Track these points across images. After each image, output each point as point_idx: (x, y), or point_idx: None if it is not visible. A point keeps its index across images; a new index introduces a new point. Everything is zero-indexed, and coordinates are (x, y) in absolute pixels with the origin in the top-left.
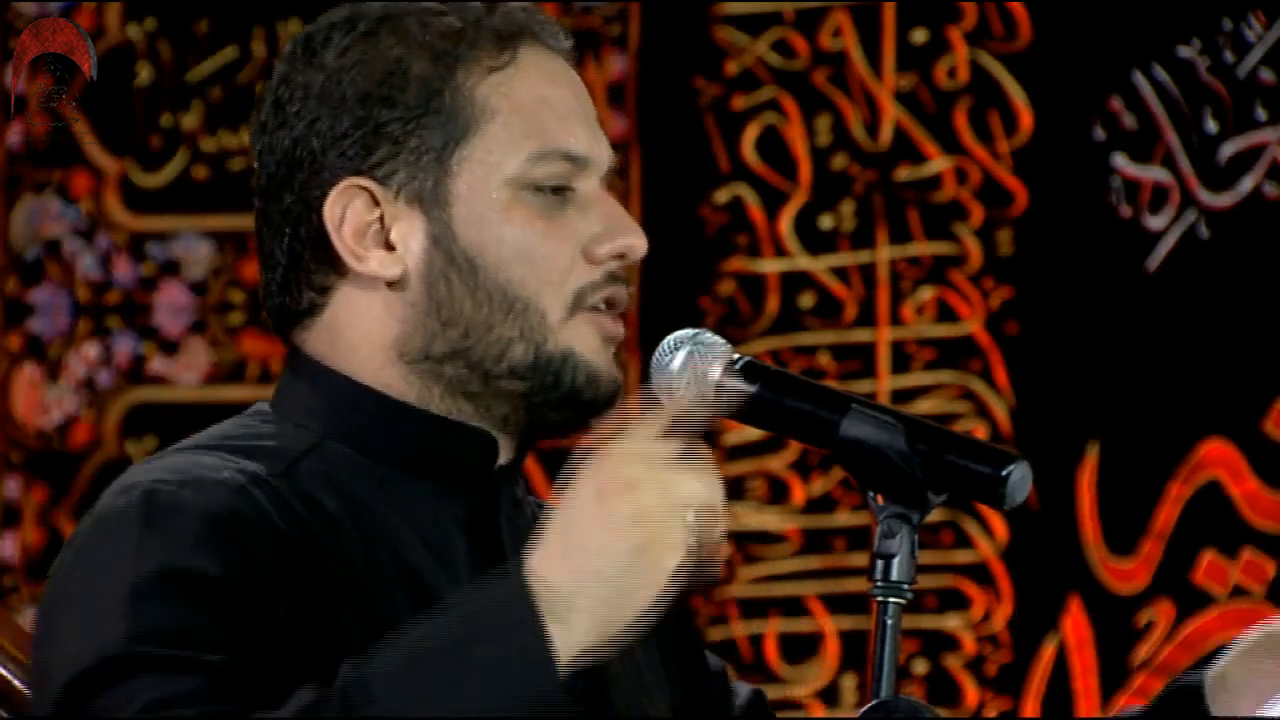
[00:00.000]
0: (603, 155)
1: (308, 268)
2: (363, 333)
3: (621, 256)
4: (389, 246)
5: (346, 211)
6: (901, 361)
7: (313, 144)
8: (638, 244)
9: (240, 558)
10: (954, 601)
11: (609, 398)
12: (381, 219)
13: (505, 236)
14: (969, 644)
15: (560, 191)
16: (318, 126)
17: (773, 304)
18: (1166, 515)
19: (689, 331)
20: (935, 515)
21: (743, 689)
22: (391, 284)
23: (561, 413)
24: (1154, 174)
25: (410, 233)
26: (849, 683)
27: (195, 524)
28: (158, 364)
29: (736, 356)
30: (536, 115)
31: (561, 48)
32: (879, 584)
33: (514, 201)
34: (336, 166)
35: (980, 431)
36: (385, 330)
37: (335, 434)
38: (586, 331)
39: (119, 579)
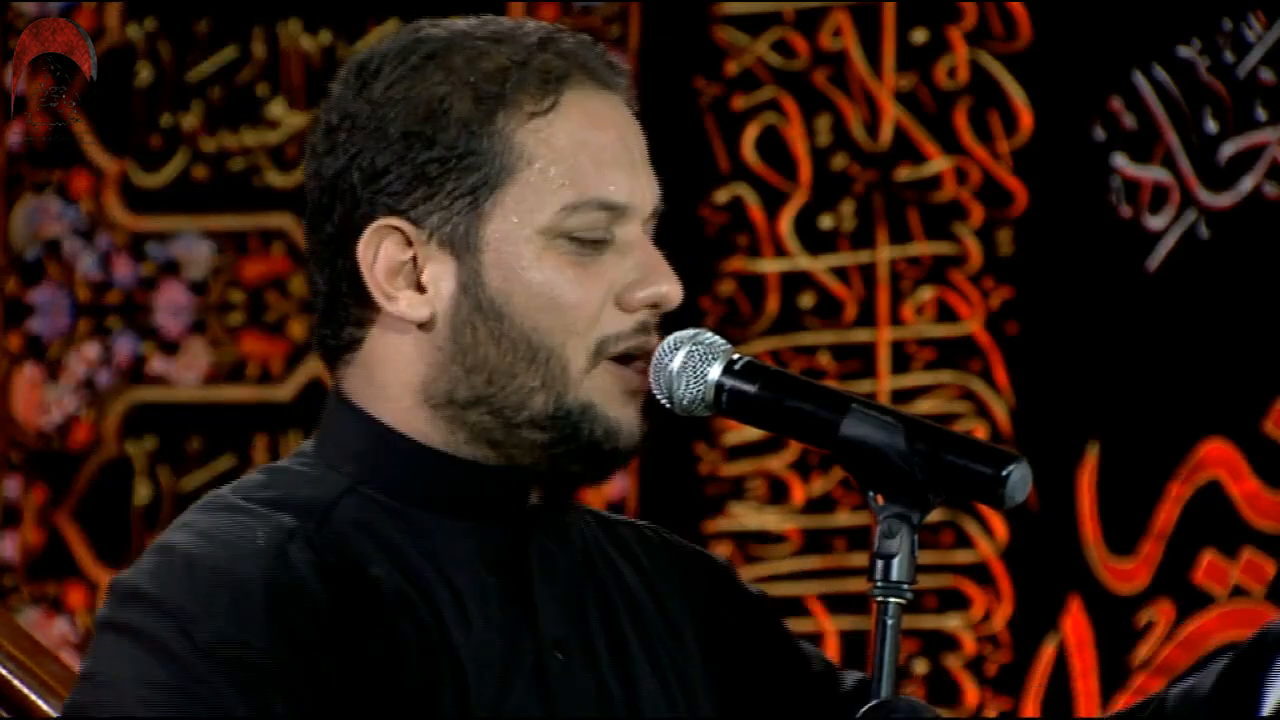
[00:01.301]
0: (645, 200)
1: (345, 302)
2: (393, 373)
3: (655, 306)
4: (420, 288)
5: (380, 250)
6: (901, 361)
7: (354, 177)
8: (672, 292)
9: (284, 632)
10: (954, 601)
11: (630, 449)
12: (414, 259)
13: (534, 285)
14: (969, 644)
15: (596, 241)
16: (360, 160)
17: (773, 304)
18: (1166, 515)
19: (689, 331)
20: (935, 515)
21: (849, 677)
22: (421, 325)
23: (582, 464)
24: (1154, 174)
25: (441, 276)
26: None
27: (236, 595)
28: (158, 364)
29: (736, 356)
30: (575, 163)
31: (615, 83)
32: (879, 584)
33: (546, 250)
34: (374, 203)
35: (980, 431)
36: (414, 372)
37: (368, 479)
38: (607, 384)
39: (165, 658)
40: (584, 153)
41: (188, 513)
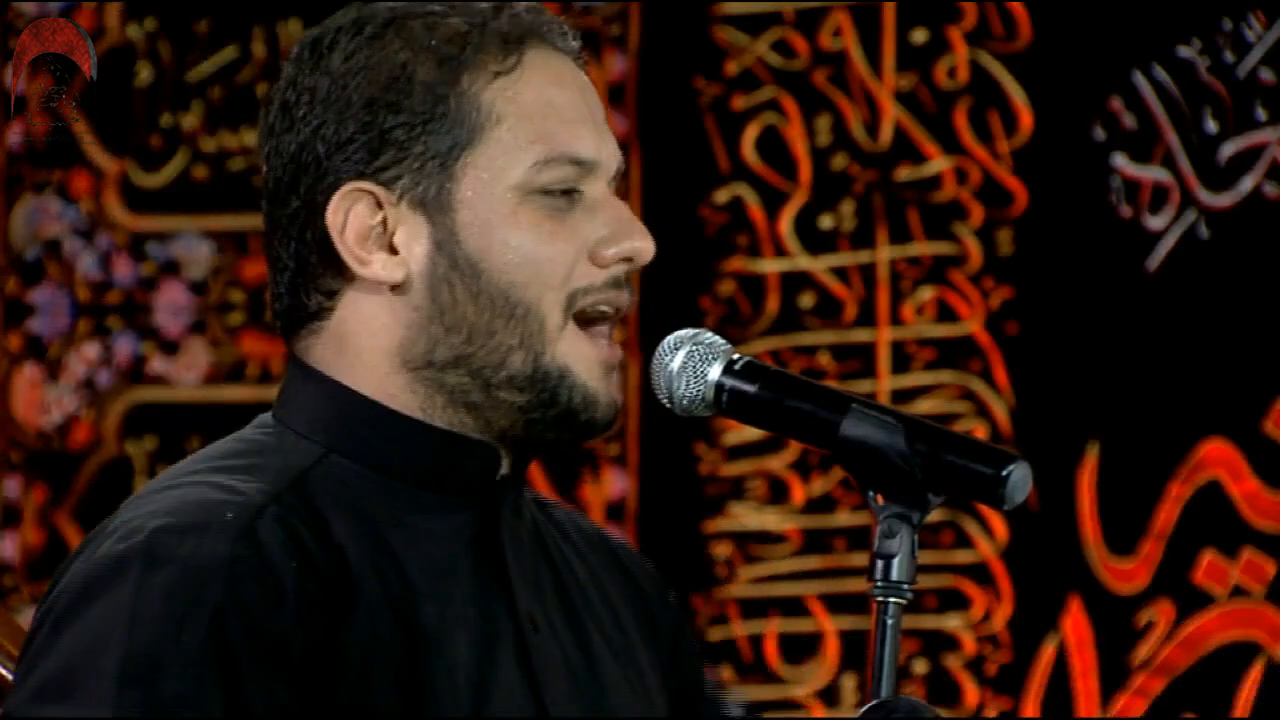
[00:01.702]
0: (610, 157)
1: (315, 272)
2: (368, 339)
3: (629, 260)
4: (392, 250)
5: (349, 215)
6: (901, 361)
7: (318, 148)
8: (644, 247)
9: (227, 638)
10: (954, 601)
11: (606, 420)
12: (385, 222)
13: (510, 241)
14: (969, 644)
15: (568, 194)
16: (323, 131)
17: (773, 304)
18: (1166, 515)
19: (689, 331)
20: (935, 515)
21: (735, 711)
22: (395, 288)
23: (558, 431)
24: (1154, 174)
25: (414, 237)
26: (849, 683)
27: (190, 598)
28: (158, 364)
29: (736, 356)
30: (542, 120)
31: (569, 48)
32: (879, 584)
33: (520, 206)
34: (341, 171)
35: (980, 431)
36: (390, 336)
37: (339, 447)
38: (585, 351)
39: (108, 651)
40: (551, 109)
41: (160, 486)
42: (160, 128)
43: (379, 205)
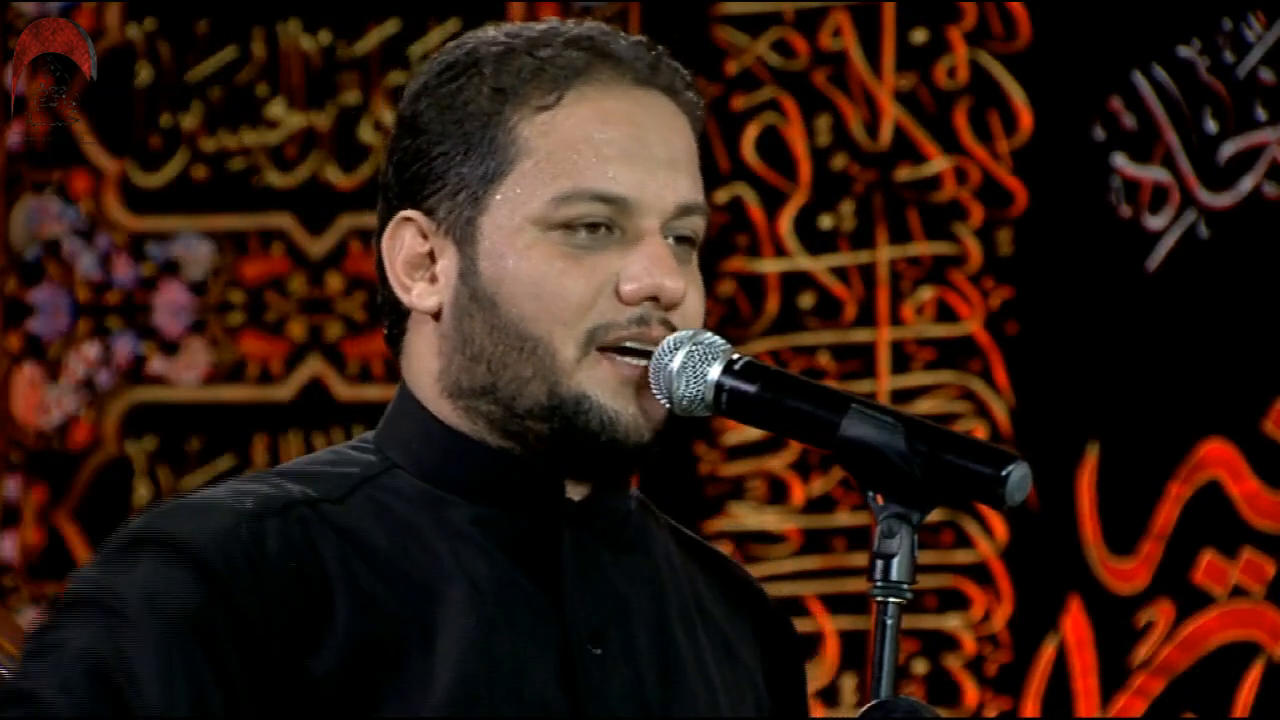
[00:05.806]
0: (660, 196)
1: (388, 295)
2: (421, 363)
3: (654, 300)
4: (434, 279)
5: (400, 243)
6: (901, 361)
7: (390, 175)
8: (671, 286)
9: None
10: (954, 601)
11: (633, 440)
12: (431, 253)
13: (520, 274)
14: (969, 644)
15: (596, 229)
16: (394, 158)
17: (773, 304)
18: (1166, 515)
19: (689, 331)
20: (935, 515)
21: None
22: (435, 316)
23: (586, 456)
24: (1154, 174)
25: (448, 266)
26: (849, 683)
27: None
28: (157, 364)
29: (736, 356)
30: (573, 156)
31: (654, 82)
32: (879, 584)
33: (537, 240)
34: (400, 197)
35: (980, 431)
36: (434, 362)
37: (405, 462)
38: (603, 375)
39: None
40: (585, 145)
41: (221, 482)
42: (160, 128)
43: (424, 234)
